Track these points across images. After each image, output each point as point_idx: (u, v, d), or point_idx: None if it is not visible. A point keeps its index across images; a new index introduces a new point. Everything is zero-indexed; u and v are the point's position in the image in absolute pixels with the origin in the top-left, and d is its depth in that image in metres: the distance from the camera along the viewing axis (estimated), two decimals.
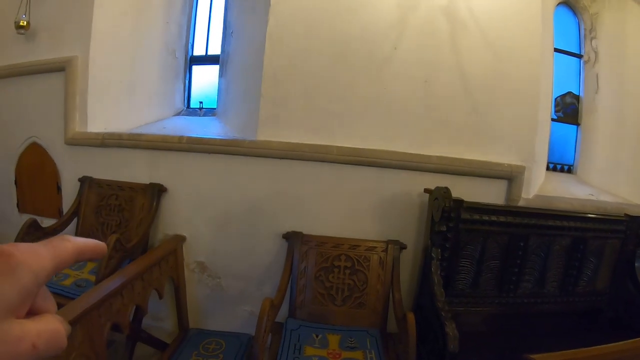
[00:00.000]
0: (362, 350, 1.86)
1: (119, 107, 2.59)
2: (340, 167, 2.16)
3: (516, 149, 2.23)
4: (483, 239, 2.03)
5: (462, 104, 2.18)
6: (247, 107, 2.28)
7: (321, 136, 2.15)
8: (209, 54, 2.82)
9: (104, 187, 2.43)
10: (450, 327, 1.63)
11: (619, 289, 2.30)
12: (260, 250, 2.27)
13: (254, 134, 2.17)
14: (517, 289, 2.15)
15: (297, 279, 2.05)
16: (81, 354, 1.46)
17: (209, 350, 2.24)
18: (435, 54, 2.16)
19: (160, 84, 2.71)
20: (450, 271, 2.01)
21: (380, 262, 2.07)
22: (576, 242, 2.18)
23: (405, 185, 2.16)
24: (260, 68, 2.14)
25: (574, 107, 2.75)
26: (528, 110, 2.25)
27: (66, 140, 2.52)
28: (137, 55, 2.62)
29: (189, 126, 2.54)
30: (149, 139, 2.35)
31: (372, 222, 2.20)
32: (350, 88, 2.15)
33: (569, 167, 2.76)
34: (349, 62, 2.14)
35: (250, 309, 2.27)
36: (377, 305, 2.04)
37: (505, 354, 1.85)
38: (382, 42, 2.14)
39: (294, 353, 1.79)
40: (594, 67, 2.76)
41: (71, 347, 1.39)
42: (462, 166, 2.17)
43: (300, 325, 1.99)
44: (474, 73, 2.18)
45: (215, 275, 2.35)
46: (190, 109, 2.82)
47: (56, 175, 2.68)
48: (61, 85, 2.51)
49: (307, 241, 2.10)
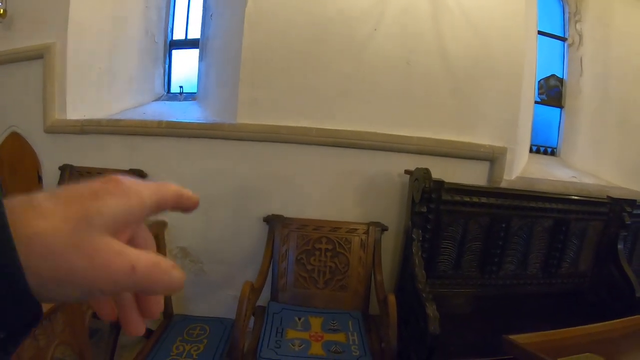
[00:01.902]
0: (345, 333, 1.87)
1: (99, 93, 2.55)
2: (321, 149, 2.15)
3: (498, 131, 2.23)
4: (464, 220, 2.03)
5: (444, 85, 2.17)
6: (226, 90, 2.26)
7: (301, 118, 2.13)
8: (188, 38, 2.78)
9: (84, 174, 2.40)
10: (430, 308, 1.64)
11: (601, 271, 2.32)
12: (242, 235, 2.26)
13: (234, 117, 2.14)
14: (499, 271, 2.16)
15: (278, 263, 2.04)
16: (63, 342, 1.45)
17: (193, 336, 2.23)
18: (416, 35, 2.14)
19: (140, 69, 2.67)
20: (431, 253, 2.01)
21: (362, 244, 2.07)
22: (559, 224, 2.19)
23: (386, 167, 2.15)
24: (239, 51, 2.11)
25: (557, 90, 2.75)
26: (511, 91, 2.24)
27: (45, 129, 2.48)
28: (116, 41, 2.57)
29: (169, 111, 2.51)
30: (128, 124, 2.32)
31: (353, 204, 2.20)
32: (330, 70, 2.13)
33: (552, 149, 2.77)
34: (329, 43, 2.12)
35: (234, 294, 2.24)
36: (358, 288, 2.04)
37: (487, 335, 1.86)
38: (361, 23, 2.12)
39: (276, 336, 1.79)
40: (578, 50, 2.76)
41: (52, 335, 1.38)
42: (444, 147, 2.16)
43: (282, 309, 1.99)
44: (456, 54, 2.17)
45: (198, 261, 2.34)
46: (171, 94, 2.79)
47: (37, 165, 2.64)
48: (40, 73, 2.47)
49: (288, 224, 2.09)
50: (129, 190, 0.27)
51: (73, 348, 1.53)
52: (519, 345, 1.28)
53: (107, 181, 0.27)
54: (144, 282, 0.26)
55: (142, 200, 0.28)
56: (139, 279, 0.26)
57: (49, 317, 1.38)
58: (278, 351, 1.68)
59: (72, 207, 0.24)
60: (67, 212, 0.24)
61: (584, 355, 1.30)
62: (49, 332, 1.38)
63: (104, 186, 0.26)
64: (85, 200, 0.25)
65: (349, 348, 1.74)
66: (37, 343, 1.32)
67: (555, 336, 1.39)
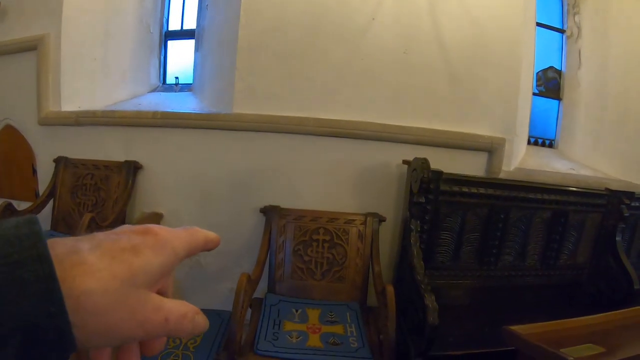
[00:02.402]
0: (342, 324, 1.85)
1: (93, 84, 2.53)
2: (318, 139, 2.13)
3: (497, 122, 2.22)
4: (463, 211, 2.02)
5: (442, 75, 2.16)
6: (222, 80, 2.23)
7: (298, 108, 2.11)
8: (184, 28, 2.76)
9: (79, 166, 2.38)
10: (429, 299, 1.62)
11: (599, 262, 2.31)
12: (238, 226, 2.24)
13: (230, 107, 2.12)
14: (497, 262, 2.15)
15: (275, 254, 2.03)
16: None
17: None
18: (414, 25, 2.12)
19: (135, 60, 2.65)
20: (430, 244, 2.00)
21: (360, 235, 2.05)
22: (557, 216, 2.18)
23: (384, 157, 2.14)
24: (236, 41, 2.09)
25: (555, 82, 2.74)
26: (509, 82, 2.23)
27: (39, 121, 2.46)
28: (110, 31, 2.54)
29: (165, 102, 2.49)
30: (123, 115, 2.29)
31: (350, 195, 2.18)
32: (327, 59, 2.11)
33: (550, 141, 2.76)
34: (326, 33, 2.10)
35: (230, 286, 2.23)
36: (356, 279, 2.03)
37: (486, 327, 1.86)
38: (359, 12, 2.10)
39: (274, 328, 1.78)
40: (576, 42, 2.75)
41: None
42: (442, 138, 2.15)
43: (279, 300, 1.97)
44: (454, 45, 2.15)
45: None
46: (166, 85, 2.77)
47: (31, 157, 2.62)
48: (34, 64, 2.44)
49: (284, 215, 2.07)
50: (165, 244, 0.29)
51: None
52: (520, 336, 1.27)
53: (145, 232, 0.29)
54: (173, 331, 0.29)
55: (177, 253, 0.30)
56: (170, 329, 0.28)
57: None
58: (275, 343, 1.66)
59: (117, 264, 0.26)
60: (113, 269, 0.26)
61: (585, 346, 1.29)
62: None
63: (143, 240, 0.28)
64: (128, 256, 0.27)
65: (347, 340, 1.73)
66: None
67: (556, 327, 1.38)
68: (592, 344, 1.30)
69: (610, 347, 1.28)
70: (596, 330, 1.42)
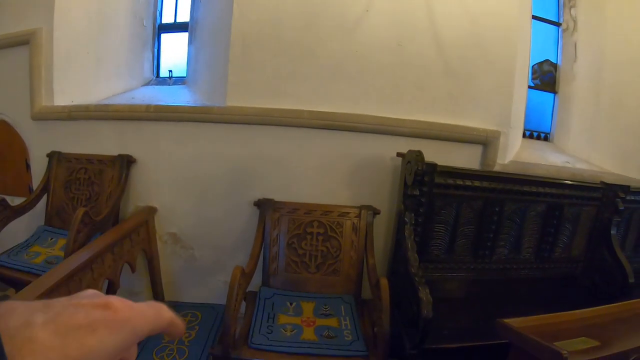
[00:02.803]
0: (337, 317, 1.85)
1: (86, 78, 2.51)
2: (312, 132, 2.12)
3: (492, 115, 2.21)
4: (457, 204, 2.01)
5: (437, 68, 2.14)
6: (216, 73, 2.22)
7: (292, 100, 2.10)
8: (177, 21, 2.74)
9: (72, 161, 2.37)
10: (423, 292, 1.61)
11: (594, 256, 2.31)
12: (232, 219, 2.24)
13: (224, 100, 2.11)
14: (492, 255, 2.14)
15: (269, 247, 2.02)
16: None
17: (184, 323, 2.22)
18: (408, 17, 2.10)
19: (129, 53, 2.63)
20: (424, 237, 1.99)
21: (354, 228, 2.05)
22: (552, 209, 2.17)
23: (378, 150, 2.13)
24: (229, 33, 2.07)
25: (551, 75, 2.74)
26: (504, 75, 2.22)
27: (32, 116, 2.43)
28: (103, 25, 2.52)
29: (159, 96, 2.47)
30: (116, 109, 2.27)
31: (344, 188, 2.18)
32: (320, 51, 2.10)
33: (545, 135, 2.76)
34: (319, 24, 2.08)
35: (225, 279, 2.24)
36: (351, 272, 2.02)
37: (480, 320, 1.86)
38: (353, 3, 2.08)
39: (268, 321, 1.77)
40: (572, 35, 2.74)
41: None
42: (437, 130, 2.14)
43: (274, 294, 1.97)
44: (449, 37, 2.14)
45: (189, 247, 2.31)
46: (160, 79, 2.75)
47: (25, 153, 2.60)
48: (26, 59, 2.42)
49: (278, 208, 2.07)
50: (125, 323, 0.28)
51: None
52: (513, 329, 1.27)
53: (106, 307, 0.28)
54: None
55: (136, 333, 0.29)
56: None
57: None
58: (270, 336, 1.66)
59: (70, 343, 0.25)
60: (64, 349, 0.24)
61: (579, 339, 1.29)
62: None
63: (102, 316, 0.27)
64: (82, 334, 0.26)
65: (341, 333, 1.73)
66: None
67: (550, 320, 1.38)
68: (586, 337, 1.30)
69: (605, 341, 1.28)
70: (591, 323, 1.42)
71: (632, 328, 1.42)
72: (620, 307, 1.54)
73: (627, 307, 1.55)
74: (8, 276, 1.95)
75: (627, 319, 1.49)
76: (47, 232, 2.27)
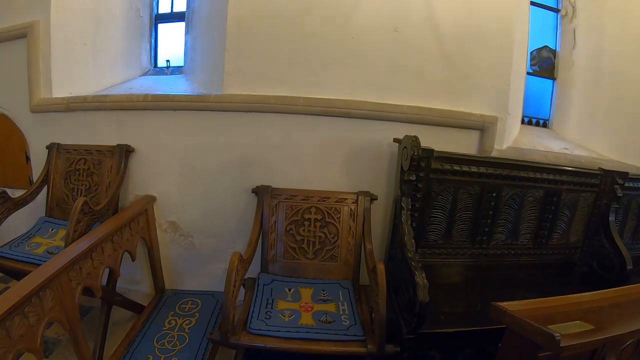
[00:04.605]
0: (335, 303, 1.86)
1: (84, 70, 2.51)
2: (309, 119, 2.12)
3: (489, 100, 2.20)
4: (454, 189, 2.01)
5: (434, 53, 2.13)
6: (212, 62, 2.22)
7: (288, 87, 2.10)
8: (174, 11, 2.74)
9: (71, 152, 2.38)
10: (419, 276, 1.62)
11: (592, 242, 2.32)
12: (231, 207, 2.25)
13: (220, 88, 2.11)
14: (490, 241, 2.15)
15: (267, 234, 2.03)
16: (53, 319, 1.44)
17: (185, 310, 2.24)
18: (405, 2, 2.09)
19: (126, 44, 2.63)
20: (422, 222, 2.00)
21: (351, 214, 2.06)
22: (550, 195, 2.17)
23: (375, 136, 2.13)
24: (225, 21, 2.07)
25: (550, 61, 2.72)
26: (501, 61, 2.20)
27: (31, 108, 2.45)
28: (100, 16, 2.52)
29: (156, 85, 2.48)
30: (113, 99, 2.29)
31: (342, 174, 2.18)
32: (316, 38, 2.09)
33: (544, 121, 2.75)
34: (316, 10, 2.07)
35: (224, 267, 2.20)
36: (348, 258, 2.04)
37: (477, 305, 1.87)
38: None
39: (267, 307, 1.79)
40: (571, 22, 2.72)
41: (42, 313, 1.37)
42: (434, 116, 2.13)
43: (272, 280, 1.99)
44: (446, 22, 2.12)
45: (188, 234, 2.33)
46: (158, 69, 2.76)
47: (24, 145, 2.62)
48: (24, 52, 2.42)
49: (276, 195, 2.08)
50: None
51: (64, 325, 1.53)
52: (508, 312, 1.26)
53: None
54: None
55: None
56: None
57: (38, 294, 1.37)
58: (268, 322, 1.67)
59: None
60: None
61: (573, 322, 1.29)
62: (39, 309, 1.37)
63: None
64: None
65: (339, 318, 1.74)
66: (28, 320, 1.32)
67: (545, 304, 1.38)
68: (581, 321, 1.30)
69: (600, 325, 1.28)
70: (586, 308, 1.42)
71: (628, 313, 1.42)
72: (616, 292, 1.53)
73: (623, 293, 1.55)
74: (10, 267, 1.96)
75: (622, 304, 1.49)
76: (48, 223, 2.29)
